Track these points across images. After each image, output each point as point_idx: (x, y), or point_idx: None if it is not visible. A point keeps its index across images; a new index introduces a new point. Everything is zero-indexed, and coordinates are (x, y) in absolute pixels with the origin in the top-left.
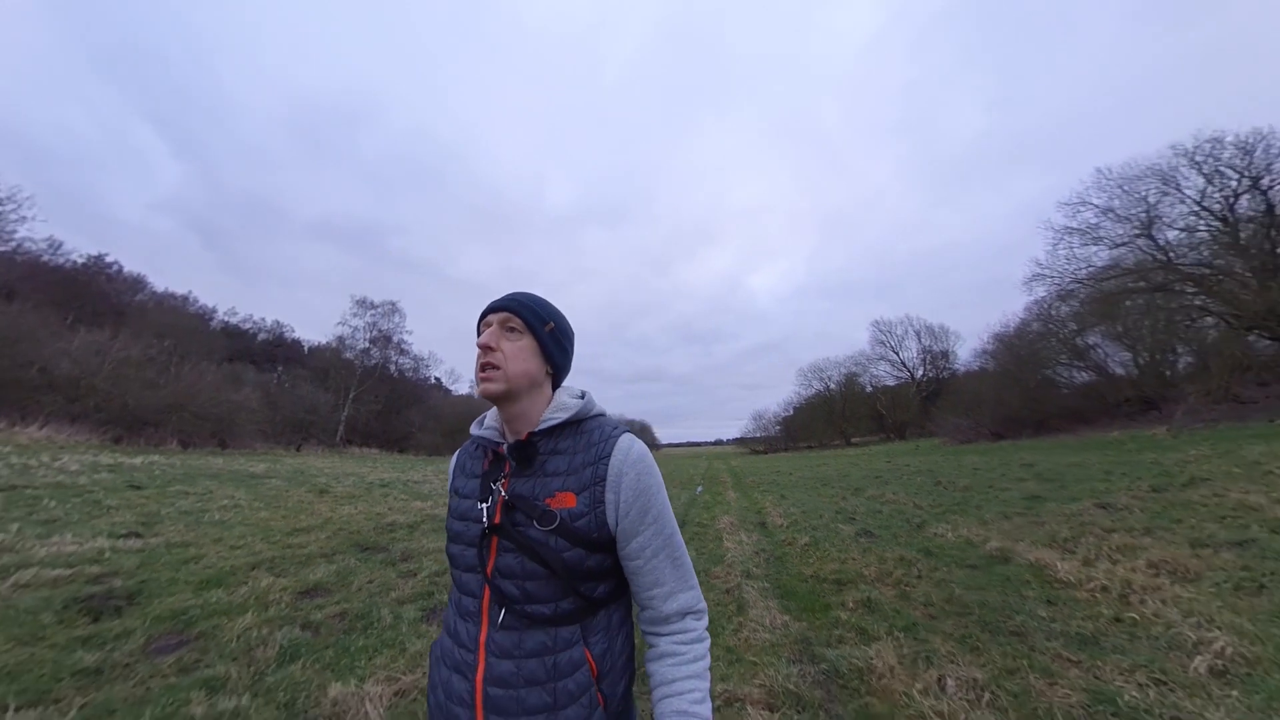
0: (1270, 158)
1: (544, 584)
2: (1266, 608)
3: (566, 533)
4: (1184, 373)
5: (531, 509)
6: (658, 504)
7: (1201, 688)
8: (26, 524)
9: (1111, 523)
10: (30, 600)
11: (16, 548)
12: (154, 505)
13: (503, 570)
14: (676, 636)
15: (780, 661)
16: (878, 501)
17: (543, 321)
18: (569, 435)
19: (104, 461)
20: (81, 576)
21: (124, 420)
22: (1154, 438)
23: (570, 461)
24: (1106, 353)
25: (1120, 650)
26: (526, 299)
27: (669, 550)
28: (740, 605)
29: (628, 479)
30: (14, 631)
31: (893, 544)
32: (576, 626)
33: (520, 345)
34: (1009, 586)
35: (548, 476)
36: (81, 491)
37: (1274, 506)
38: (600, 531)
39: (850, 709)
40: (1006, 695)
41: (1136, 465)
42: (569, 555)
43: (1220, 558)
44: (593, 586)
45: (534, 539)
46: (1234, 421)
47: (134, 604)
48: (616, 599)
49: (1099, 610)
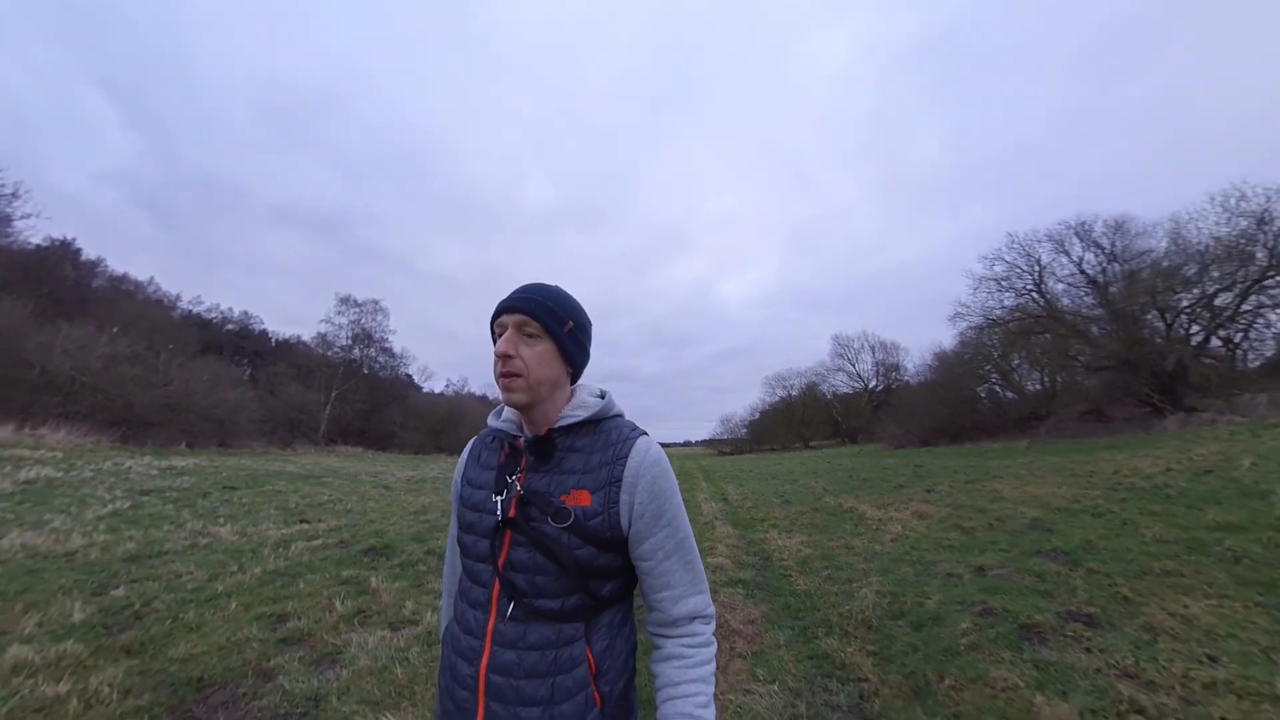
0: (1129, 238)
1: (553, 579)
2: (938, 520)
3: (580, 531)
4: (1062, 397)
5: (546, 505)
6: (672, 507)
7: (890, 544)
8: (218, 519)
9: (917, 497)
10: (330, 555)
11: (248, 533)
12: (288, 500)
13: (514, 563)
14: (684, 640)
15: (733, 545)
16: (802, 486)
17: (562, 322)
18: (587, 434)
19: (156, 465)
20: (334, 542)
21: (129, 421)
22: (1015, 448)
23: (587, 460)
24: (1023, 375)
25: (869, 535)
26: (542, 297)
27: (681, 554)
28: (712, 527)
29: (644, 481)
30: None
31: (798, 506)
32: (581, 624)
33: (540, 350)
34: (843, 519)
35: (564, 474)
36: (193, 495)
37: (1012, 493)
38: (613, 531)
39: (759, 554)
40: (819, 547)
41: (979, 466)
42: (581, 553)
43: (942, 509)
44: (601, 585)
45: (547, 535)
46: (1084, 438)
47: (396, 552)
48: (621, 599)
49: (871, 526)
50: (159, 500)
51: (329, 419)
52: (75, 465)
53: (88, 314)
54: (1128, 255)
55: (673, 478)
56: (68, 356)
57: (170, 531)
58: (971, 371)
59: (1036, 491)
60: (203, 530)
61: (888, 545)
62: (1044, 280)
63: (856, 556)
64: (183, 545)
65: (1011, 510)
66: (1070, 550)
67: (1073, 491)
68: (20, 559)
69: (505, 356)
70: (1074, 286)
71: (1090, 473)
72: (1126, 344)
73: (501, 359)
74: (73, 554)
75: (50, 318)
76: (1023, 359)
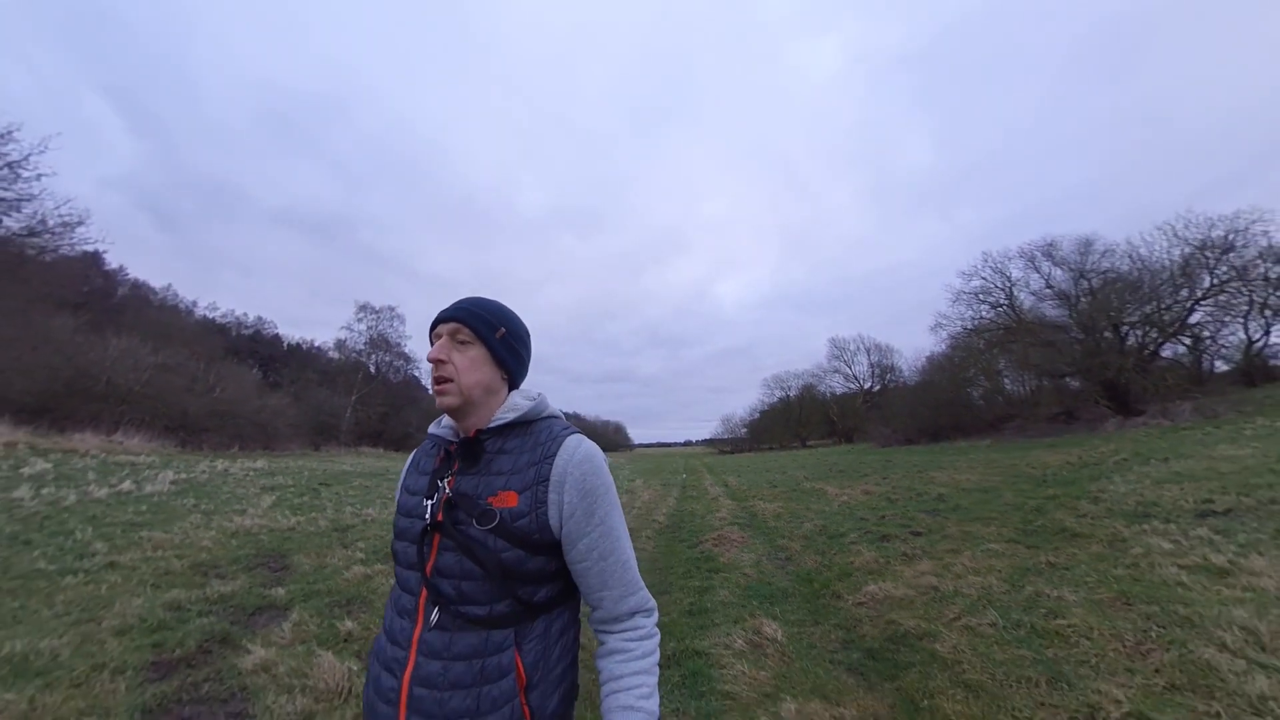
0: (1094, 257)
1: (480, 585)
2: (877, 494)
3: (505, 532)
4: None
5: (472, 507)
6: (604, 505)
7: (836, 506)
8: (350, 505)
9: (873, 481)
10: None
11: (384, 514)
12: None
13: (441, 569)
14: (626, 634)
15: (731, 509)
16: (788, 476)
17: (493, 329)
18: (517, 435)
19: (240, 467)
20: None
21: (185, 427)
22: (978, 446)
23: (515, 461)
24: (1011, 378)
25: (824, 502)
26: (475, 306)
27: (617, 553)
28: (717, 501)
29: (572, 479)
30: None
31: (781, 488)
32: (510, 631)
33: (471, 356)
34: (810, 495)
35: (492, 475)
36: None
37: (941, 478)
38: (542, 533)
39: (749, 512)
40: (788, 508)
41: (935, 461)
42: (507, 556)
43: (884, 488)
44: (532, 590)
45: (472, 537)
46: (1039, 438)
47: None
48: (560, 604)
49: (828, 498)
50: (292, 494)
51: (349, 422)
52: (185, 468)
53: (119, 323)
54: (1091, 273)
55: (606, 476)
56: (122, 367)
57: (335, 513)
58: (956, 376)
59: (958, 478)
60: (358, 511)
61: (834, 507)
62: (1014, 295)
63: (811, 512)
64: (359, 520)
65: (931, 489)
66: (942, 509)
67: (981, 477)
68: (265, 537)
69: (437, 361)
70: (1044, 300)
71: (1009, 465)
72: (1084, 354)
73: (434, 364)
74: (292, 529)
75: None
76: (1008, 363)
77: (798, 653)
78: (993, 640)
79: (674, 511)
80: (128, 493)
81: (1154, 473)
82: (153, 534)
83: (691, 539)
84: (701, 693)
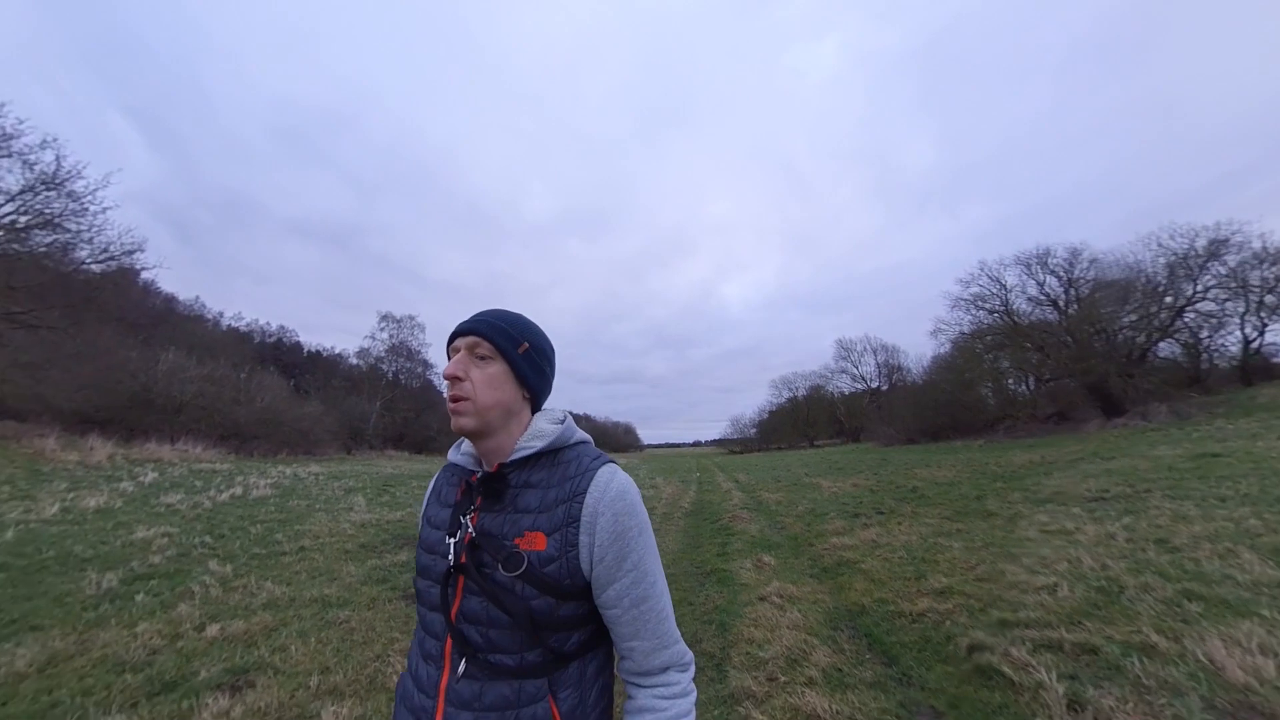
0: (1084, 266)
1: (509, 633)
2: (864, 487)
3: (534, 579)
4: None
5: (498, 549)
6: (639, 549)
7: (827, 495)
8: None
9: (864, 476)
10: None
11: None
12: None
13: (467, 614)
14: (658, 690)
15: (742, 498)
16: (791, 473)
17: (515, 344)
18: (544, 466)
19: (304, 471)
20: None
21: (237, 435)
22: (970, 446)
23: (543, 497)
24: (1011, 379)
25: (817, 492)
26: (496, 319)
27: (650, 602)
28: (729, 493)
29: (604, 520)
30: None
31: (784, 482)
32: (544, 680)
33: (491, 373)
34: (807, 487)
35: (518, 513)
36: (380, 489)
37: (922, 474)
38: (573, 579)
39: (756, 500)
40: (787, 497)
41: (925, 460)
42: (537, 604)
43: (871, 481)
44: (564, 638)
45: (499, 583)
46: (1026, 438)
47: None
48: (593, 649)
49: (821, 489)
50: (371, 494)
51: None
52: (260, 473)
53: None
54: (1080, 281)
55: (641, 514)
56: (173, 380)
57: (419, 509)
58: (957, 377)
59: (936, 474)
60: None
61: (825, 496)
62: (1010, 301)
63: (805, 500)
64: None
65: (909, 483)
66: (910, 498)
67: (954, 474)
68: (389, 526)
69: (454, 379)
70: (1040, 306)
71: (982, 463)
72: (1072, 359)
73: (450, 381)
74: (400, 520)
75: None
76: (1007, 366)
77: (782, 569)
78: (894, 562)
79: (696, 501)
80: (239, 496)
81: (1090, 469)
82: (303, 528)
83: (713, 518)
84: (728, 585)
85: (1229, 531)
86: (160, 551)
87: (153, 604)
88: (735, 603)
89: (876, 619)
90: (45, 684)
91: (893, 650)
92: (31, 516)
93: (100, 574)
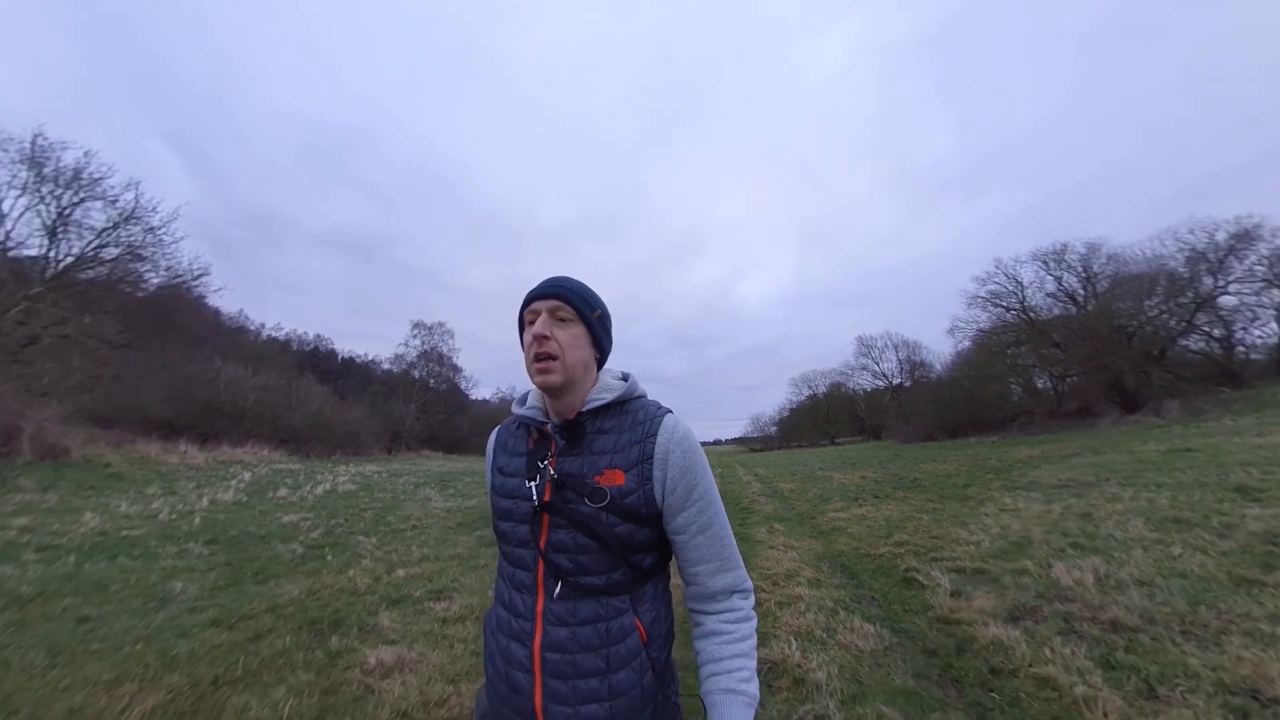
0: (1101, 262)
1: (596, 557)
2: (871, 479)
3: (617, 509)
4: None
5: (582, 486)
6: (704, 483)
7: (835, 485)
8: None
9: (873, 470)
10: None
11: None
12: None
13: (555, 545)
14: (723, 615)
15: (761, 489)
16: (807, 468)
17: (591, 308)
18: (614, 415)
19: (365, 470)
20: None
21: (295, 439)
22: (984, 442)
23: (617, 440)
24: (1036, 374)
25: (827, 483)
26: (575, 285)
27: (715, 528)
28: (750, 484)
29: (674, 456)
30: None
31: (800, 475)
32: (627, 596)
33: (573, 333)
34: (819, 478)
35: (595, 455)
36: (437, 484)
37: (926, 468)
38: (649, 507)
39: (774, 489)
40: (800, 486)
41: (936, 455)
42: (620, 530)
43: (879, 474)
44: (642, 558)
45: (586, 515)
46: (1038, 434)
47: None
48: (660, 571)
49: (831, 480)
50: (436, 486)
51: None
52: (331, 472)
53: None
54: (1099, 276)
55: (702, 455)
56: (235, 388)
57: (484, 499)
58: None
59: (938, 468)
60: None
61: (833, 485)
62: (1026, 298)
63: (815, 489)
64: None
65: (912, 475)
66: (908, 487)
67: (955, 468)
68: (472, 509)
69: (542, 338)
70: (1058, 302)
71: (984, 458)
72: (1088, 355)
73: (538, 340)
74: (475, 505)
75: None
76: (1027, 362)
77: (788, 533)
78: (873, 528)
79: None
80: (330, 491)
81: (1077, 463)
82: (403, 513)
83: (734, 502)
84: (746, 542)
85: (1140, 508)
86: (312, 530)
87: (342, 561)
88: (753, 551)
89: (850, 558)
90: (315, 602)
91: (856, 573)
92: (194, 507)
93: (285, 545)
